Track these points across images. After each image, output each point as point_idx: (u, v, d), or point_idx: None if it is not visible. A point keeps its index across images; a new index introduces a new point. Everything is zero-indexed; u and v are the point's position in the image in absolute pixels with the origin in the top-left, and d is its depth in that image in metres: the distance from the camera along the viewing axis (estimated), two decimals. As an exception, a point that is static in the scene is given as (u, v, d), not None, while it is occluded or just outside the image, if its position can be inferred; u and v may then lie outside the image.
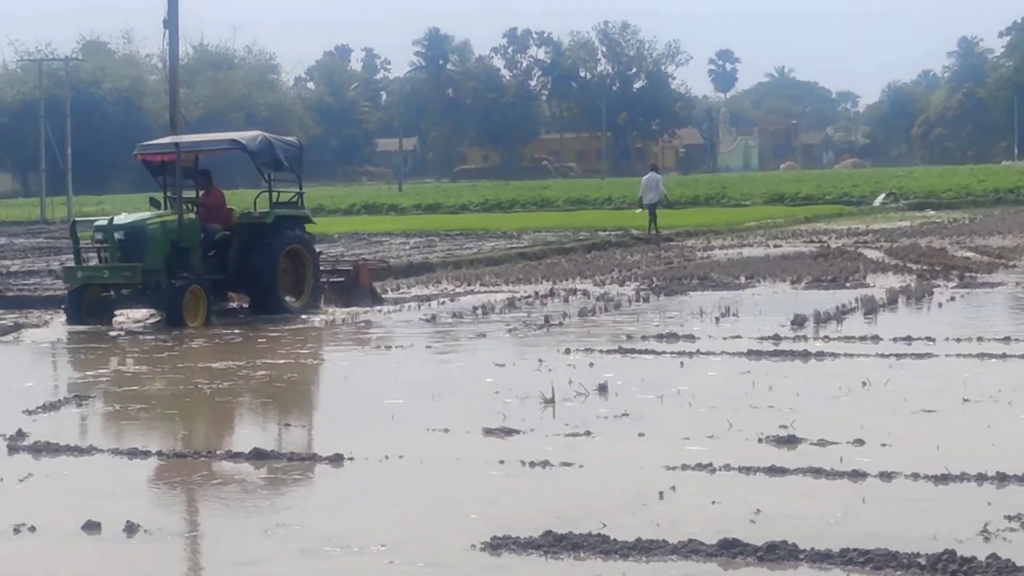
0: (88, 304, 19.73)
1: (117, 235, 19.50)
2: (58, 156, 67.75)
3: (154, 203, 21.20)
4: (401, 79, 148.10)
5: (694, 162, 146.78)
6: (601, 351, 15.25)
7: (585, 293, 22.10)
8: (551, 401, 11.96)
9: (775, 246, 33.09)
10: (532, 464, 9.50)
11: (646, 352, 15.09)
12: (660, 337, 16.16)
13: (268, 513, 8.45)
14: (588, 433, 10.62)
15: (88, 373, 15.06)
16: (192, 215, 20.36)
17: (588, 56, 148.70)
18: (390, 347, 16.36)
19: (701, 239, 36.78)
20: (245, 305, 20.94)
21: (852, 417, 10.88)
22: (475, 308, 19.95)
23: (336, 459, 9.83)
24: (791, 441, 10.07)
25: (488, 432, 10.73)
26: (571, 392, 12.39)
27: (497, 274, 26.43)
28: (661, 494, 8.56)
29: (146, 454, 10.33)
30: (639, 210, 40.60)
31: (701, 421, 10.96)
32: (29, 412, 12.22)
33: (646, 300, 20.97)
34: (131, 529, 8.02)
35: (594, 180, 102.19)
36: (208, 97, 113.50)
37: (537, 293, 22.22)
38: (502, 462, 9.62)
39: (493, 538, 7.57)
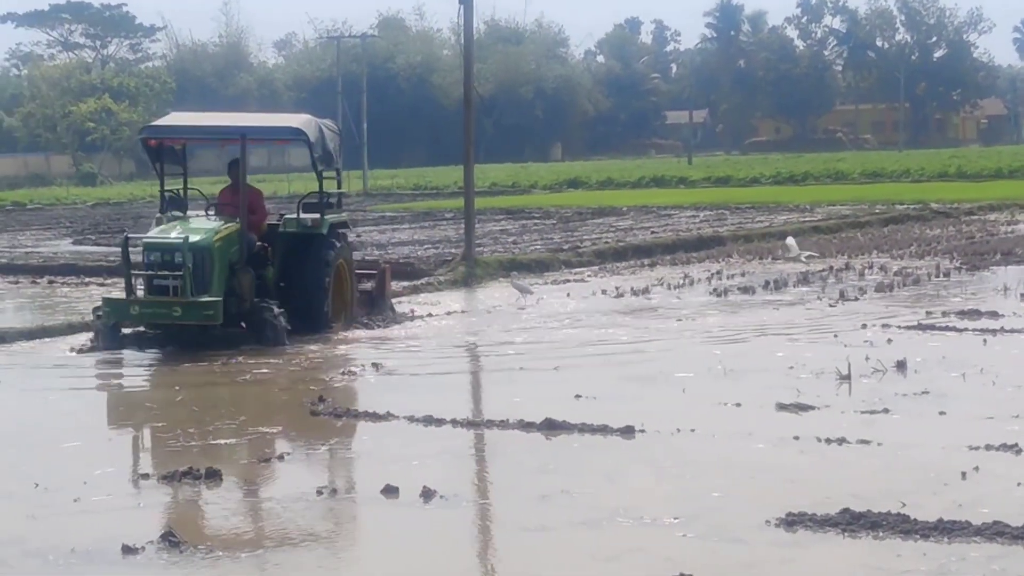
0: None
1: (181, 257, 14.61)
2: (354, 131, 69.62)
3: (177, 203, 16.12)
4: (691, 51, 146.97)
5: (997, 133, 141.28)
6: (899, 327, 14.82)
7: (882, 268, 21.53)
8: (847, 377, 11.69)
9: (1085, 220, 31.63)
10: (828, 441, 9.31)
11: (947, 329, 14.60)
12: (962, 314, 15.62)
13: (559, 482, 8.48)
14: (886, 411, 10.34)
15: (368, 347, 15.38)
16: (236, 223, 15.40)
17: (885, 25, 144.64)
18: (680, 320, 16.26)
19: (1005, 213, 35.35)
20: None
21: None
22: (767, 282, 19.65)
23: (627, 431, 9.81)
24: (1104, 423, 9.61)
25: (781, 407, 10.55)
26: (868, 368, 12.08)
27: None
28: (964, 474, 8.29)
29: (440, 422, 10.51)
30: None
31: (1006, 400, 10.56)
32: (327, 379, 12.60)
33: (947, 275, 20.30)
34: (427, 495, 8.17)
35: (890, 152, 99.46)
36: (498, 72, 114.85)
37: (832, 267, 21.75)
38: (796, 438, 9.45)
39: (788, 514, 7.43)
